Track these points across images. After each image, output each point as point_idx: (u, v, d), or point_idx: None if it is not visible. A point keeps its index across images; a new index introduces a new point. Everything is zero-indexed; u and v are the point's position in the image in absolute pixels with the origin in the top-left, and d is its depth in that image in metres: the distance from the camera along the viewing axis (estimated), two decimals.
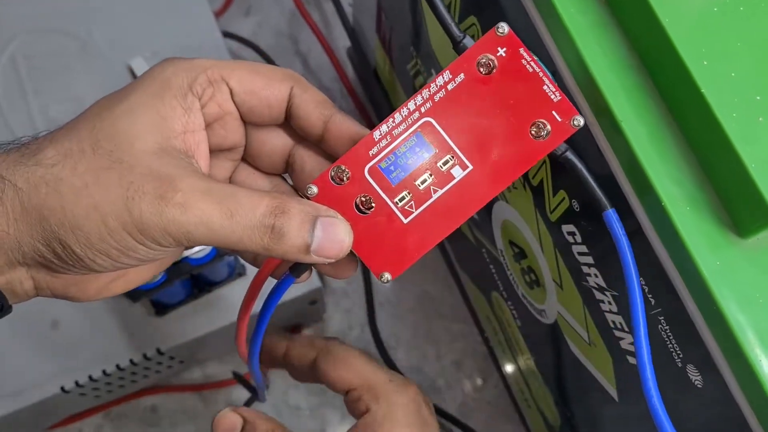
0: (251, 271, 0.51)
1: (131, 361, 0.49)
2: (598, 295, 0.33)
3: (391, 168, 0.28)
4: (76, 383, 0.48)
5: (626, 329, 0.31)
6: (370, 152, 0.28)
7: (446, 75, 0.27)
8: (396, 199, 0.28)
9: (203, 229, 0.24)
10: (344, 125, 0.29)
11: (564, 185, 0.32)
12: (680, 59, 0.23)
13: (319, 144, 0.30)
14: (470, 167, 0.27)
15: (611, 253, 0.30)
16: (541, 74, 0.26)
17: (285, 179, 0.32)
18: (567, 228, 0.33)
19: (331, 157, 0.30)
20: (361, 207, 0.28)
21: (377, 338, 0.63)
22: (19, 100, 0.54)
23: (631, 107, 0.25)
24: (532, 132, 0.26)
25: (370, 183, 0.28)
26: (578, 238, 0.33)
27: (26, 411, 0.49)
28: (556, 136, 0.26)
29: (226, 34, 0.65)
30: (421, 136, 0.28)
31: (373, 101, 0.68)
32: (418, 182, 0.28)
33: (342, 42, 0.71)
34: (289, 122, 0.29)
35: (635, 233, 0.27)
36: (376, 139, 0.28)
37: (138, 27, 0.56)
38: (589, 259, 0.32)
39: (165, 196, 0.24)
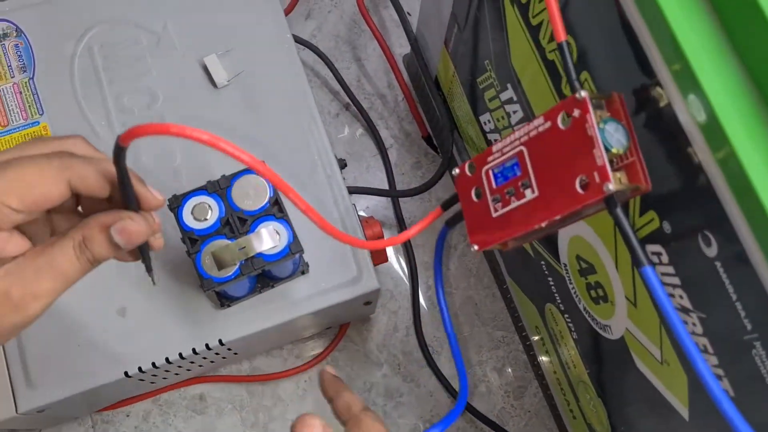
0: (314, 269, 0.52)
1: (193, 350, 0.50)
2: (682, 316, 0.34)
3: (498, 174, 0.36)
4: (140, 369, 0.50)
5: (711, 351, 0.32)
6: (489, 159, 0.37)
7: (540, 119, 0.33)
8: (492, 197, 0.36)
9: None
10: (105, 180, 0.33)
11: (655, 206, 0.33)
12: None
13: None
14: (536, 194, 0.34)
15: (702, 276, 0.31)
16: (595, 139, 0.30)
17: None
18: (652, 248, 0.34)
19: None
20: (475, 194, 0.37)
21: (422, 342, 0.64)
22: (94, 88, 0.56)
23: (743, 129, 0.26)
24: (579, 183, 0.31)
25: (482, 180, 0.37)
26: (664, 259, 0.34)
27: (88, 393, 0.50)
28: (591, 193, 0.30)
29: None
30: (516, 159, 0.35)
31: (426, 108, 0.69)
32: (506, 190, 0.35)
33: (398, 49, 0.72)
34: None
35: (738, 257, 0.28)
36: (494, 151, 0.36)
37: (212, 24, 0.58)
38: (675, 280, 0.33)
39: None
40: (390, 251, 0.66)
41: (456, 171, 0.38)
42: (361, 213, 0.67)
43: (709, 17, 0.28)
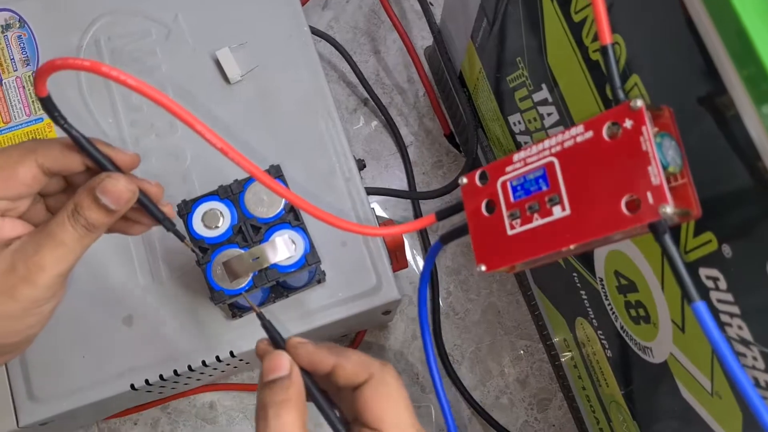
0: (331, 278, 0.49)
1: (203, 362, 0.48)
2: (739, 348, 0.31)
3: (517, 187, 0.32)
4: (147, 381, 0.47)
5: None
6: (507, 168, 0.32)
7: (579, 128, 0.29)
8: (509, 213, 0.32)
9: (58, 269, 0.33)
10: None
11: (713, 227, 0.30)
12: None
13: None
14: (567, 212, 0.30)
15: None
16: (651, 155, 0.27)
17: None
18: (707, 272, 0.31)
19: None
20: (486, 207, 0.33)
21: (441, 351, 0.61)
22: (100, 84, 0.53)
23: None
24: (625, 203, 0.27)
25: (498, 192, 0.33)
26: (722, 285, 0.30)
27: (92, 406, 0.47)
28: (642, 215, 0.27)
29: None
30: (545, 170, 0.31)
31: (449, 104, 0.66)
32: (528, 206, 0.31)
33: (419, 42, 0.69)
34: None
35: None
36: (514, 161, 0.32)
37: (225, 16, 0.54)
38: (734, 309, 0.30)
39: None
40: (410, 255, 0.63)
41: (463, 180, 0.34)
42: (380, 213, 0.64)
43: None
